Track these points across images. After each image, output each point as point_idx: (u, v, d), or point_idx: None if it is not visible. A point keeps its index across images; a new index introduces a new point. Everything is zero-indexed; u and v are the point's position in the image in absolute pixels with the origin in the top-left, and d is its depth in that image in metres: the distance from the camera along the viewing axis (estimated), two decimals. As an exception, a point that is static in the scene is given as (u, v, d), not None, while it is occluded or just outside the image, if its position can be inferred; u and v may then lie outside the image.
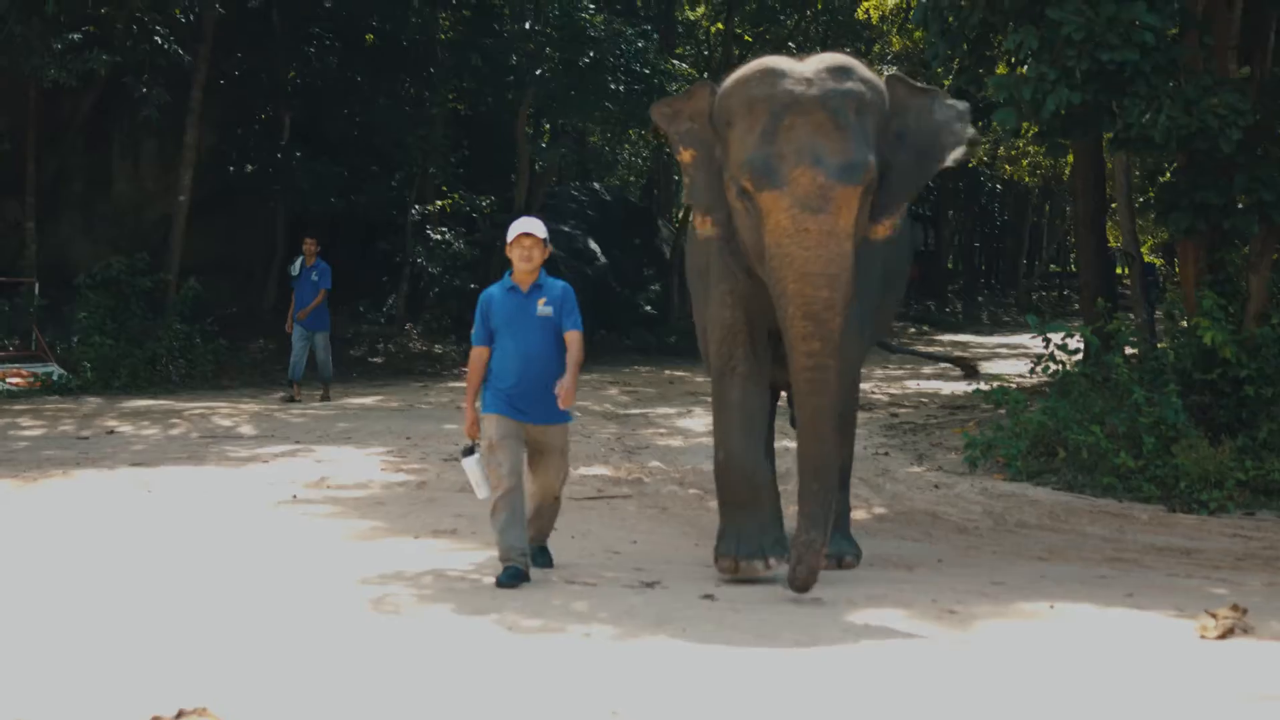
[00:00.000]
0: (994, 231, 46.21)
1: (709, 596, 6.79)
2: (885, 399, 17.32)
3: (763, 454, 7.72)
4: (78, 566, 7.29)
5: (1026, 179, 26.88)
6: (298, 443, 12.51)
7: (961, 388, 17.86)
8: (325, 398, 16.36)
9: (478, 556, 7.78)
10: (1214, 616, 6.40)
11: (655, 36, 25.20)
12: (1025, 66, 10.83)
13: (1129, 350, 11.98)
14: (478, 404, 7.29)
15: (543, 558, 7.54)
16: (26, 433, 12.95)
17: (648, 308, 27.31)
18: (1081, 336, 11.51)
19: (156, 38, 17.17)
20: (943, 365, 22.47)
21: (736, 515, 7.39)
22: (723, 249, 7.30)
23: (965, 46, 11.79)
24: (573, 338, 7.19)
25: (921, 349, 11.21)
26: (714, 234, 7.23)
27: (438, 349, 22.23)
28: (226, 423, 13.97)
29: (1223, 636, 6.19)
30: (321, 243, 16.75)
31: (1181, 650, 5.95)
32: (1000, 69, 11.79)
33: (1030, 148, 23.59)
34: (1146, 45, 10.22)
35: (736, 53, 30.17)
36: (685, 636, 5.97)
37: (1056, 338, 11.50)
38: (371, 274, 23.44)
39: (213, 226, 20.56)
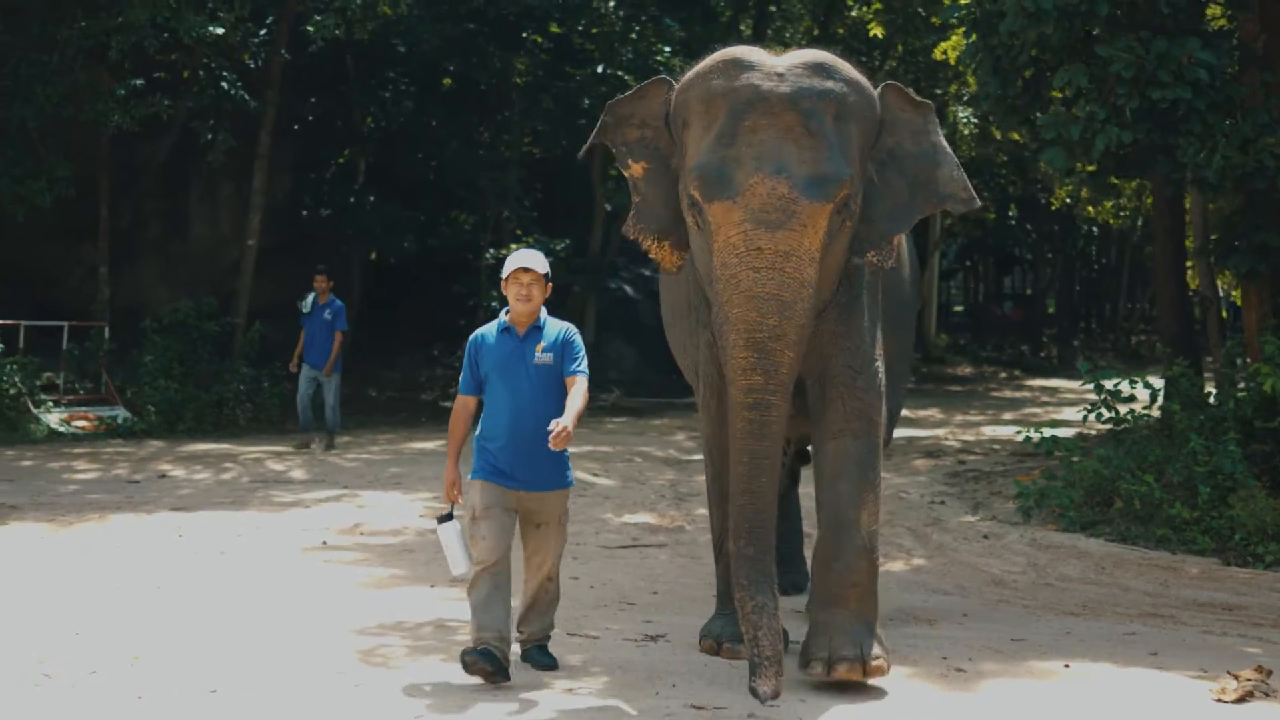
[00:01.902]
0: (1092, 274, 45.45)
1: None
2: (956, 445, 16.96)
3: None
4: (63, 613, 7.21)
5: (1111, 220, 26.38)
6: (345, 488, 12.43)
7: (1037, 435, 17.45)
8: (330, 446, 15.40)
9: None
10: (1235, 678, 6.10)
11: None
12: (1076, 105, 10.53)
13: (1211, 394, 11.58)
14: (461, 465, 6.31)
15: (544, 658, 6.32)
16: (80, 476, 13.00)
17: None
18: (1140, 383, 11.16)
19: (224, 83, 17.26)
20: (1025, 410, 22.07)
21: (728, 602, 6.48)
22: (690, 280, 6.48)
23: (1019, 85, 11.50)
24: (576, 383, 6.15)
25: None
26: (674, 266, 6.32)
27: (510, 393, 22.09)
28: (279, 467, 13.94)
29: (1240, 700, 5.91)
30: (397, 286, 16.66)
31: (1192, 715, 5.66)
32: (1055, 109, 11.51)
33: (1126, 187, 23.13)
34: (1200, 83, 9.93)
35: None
36: (671, 694, 5.79)
37: (1109, 384, 11.16)
38: (446, 317, 23.46)
39: (286, 271, 20.64)
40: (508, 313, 6.25)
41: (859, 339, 6.18)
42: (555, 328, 6.25)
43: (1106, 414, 11.18)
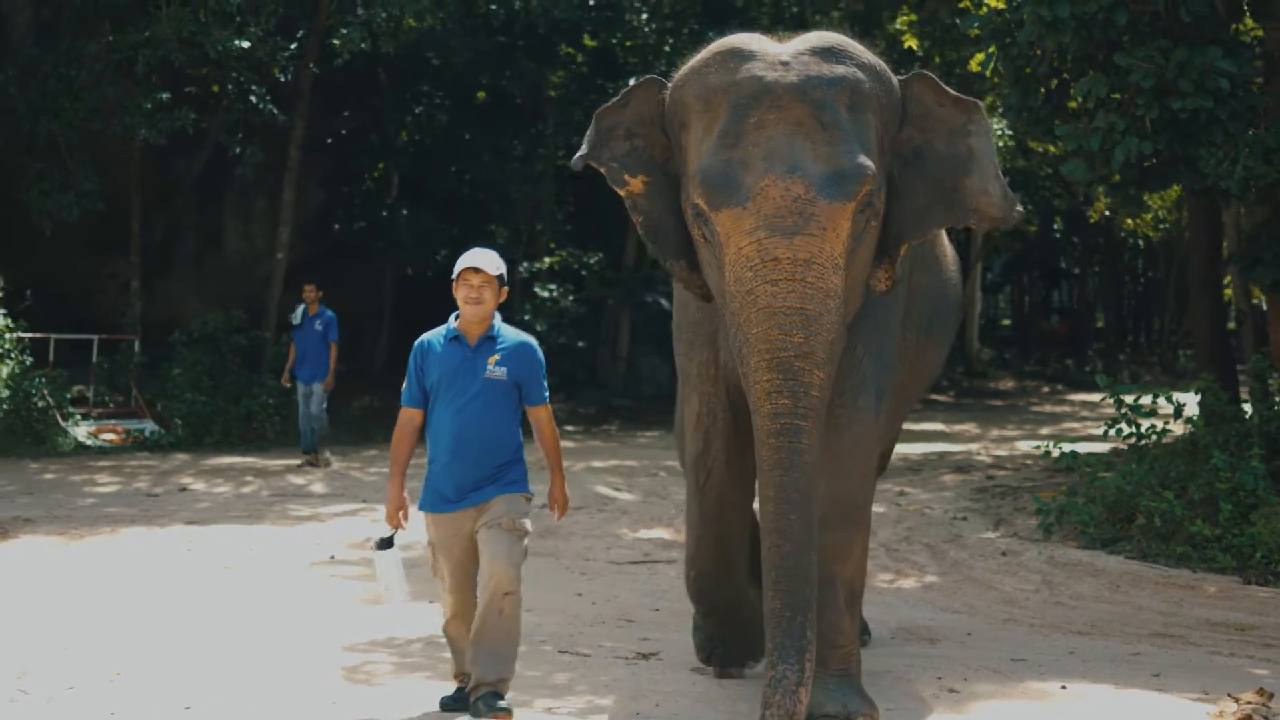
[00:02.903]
0: (1139, 288, 45.07)
1: (699, 669, 6.48)
2: (987, 460, 16.76)
3: (746, 575, 6.28)
4: (53, 628, 7.18)
5: (1151, 233, 26.15)
6: (364, 502, 12.38)
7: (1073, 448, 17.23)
8: (314, 463, 14.79)
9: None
10: (1235, 700, 5.94)
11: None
12: (1096, 116, 10.36)
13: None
14: (405, 485, 5.68)
15: (493, 706, 5.45)
16: (100, 489, 13.01)
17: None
18: (1162, 398, 10.97)
19: (252, 98, 17.29)
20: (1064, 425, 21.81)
21: (711, 623, 6.34)
22: (698, 302, 5.76)
23: (1041, 95, 11.34)
24: (540, 416, 5.62)
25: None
26: (700, 290, 5.58)
27: (543, 406, 22.09)
28: (300, 481, 13.92)
29: (1238, 724, 5.74)
30: (429, 300, 16.58)
31: (1185, 739, 5.52)
32: (1078, 119, 11.35)
33: (1152, 200, 22.89)
34: (1222, 92, 9.75)
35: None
36: (653, 713, 5.69)
37: (1129, 399, 10.98)
38: (481, 331, 23.40)
39: (320, 284, 20.65)
40: (457, 318, 5.63)
41: (859, 358, 5.56)
42: (511, 338, 5.65)
43: (1127, 429, 10.98)
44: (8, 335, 15.76)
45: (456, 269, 5.58)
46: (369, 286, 22.27)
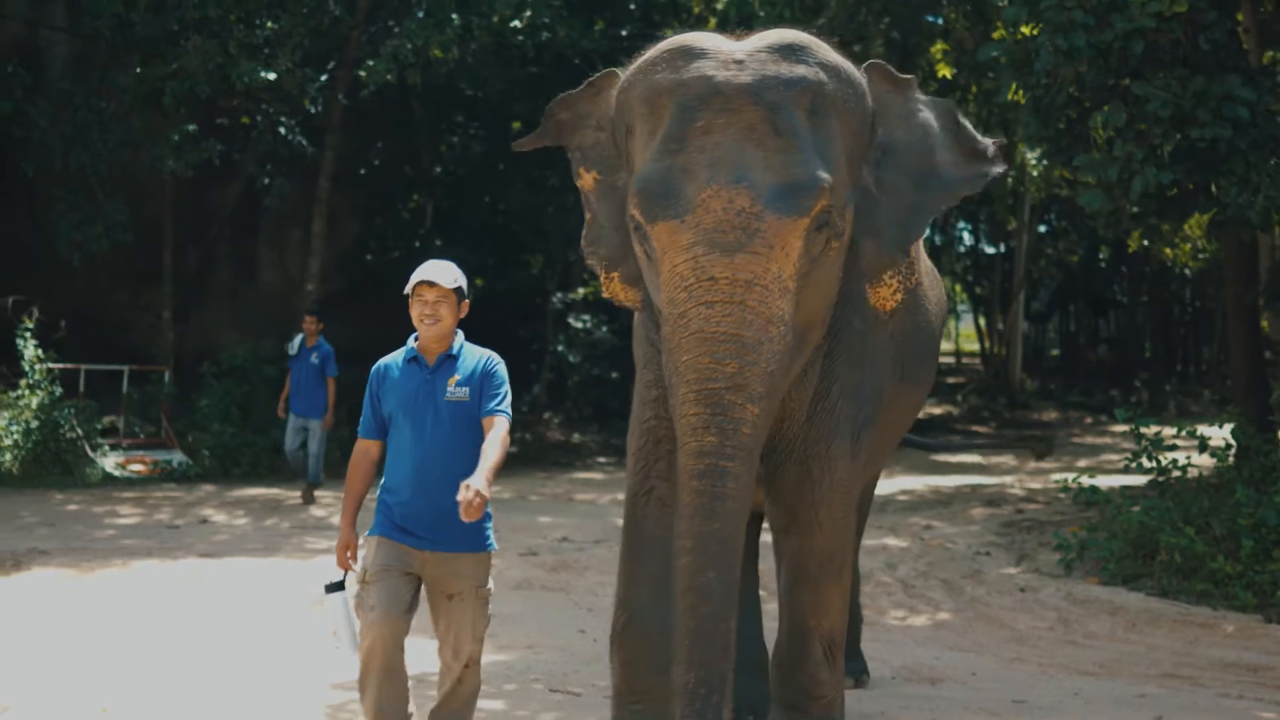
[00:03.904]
0: (1186, 317, 44.60)
1: None
2: (1020, 493, 16.54)
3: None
4: (45, 661, 7.15)
5: (1190, 263, 25.85)
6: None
7: (1111, 482, 17.00)
8: (309, 500, 14.48)
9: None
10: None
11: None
12: (1114, 145, 10.22)
13: None
14: (356, 524, 5.19)
15: None
16: (121, 521, 13.00)
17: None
18: (1185, 432, 10.79)
19: (281, 129, 17.36)
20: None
21: (628, 689, 5.21)
22: (646, 319, 5.26)
23: (1063, 125, 11.19)
24: (495, 426, 5.00)
25: (986, 436, 8.76)
26: (633, 303, 5.22)
27: (576, 438, 22.06)
28: (321, 513, 13.88)
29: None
30: (465, 330, 16.48)
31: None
32: (1098, 149, 11.19)
33: (1191, 230, 22.62)
34: (1241, 121, 9.60)
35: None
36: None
37: (1149, 432, 10.80)
38: (514, 361, 23.35)
39: (352, 316, 20.71)
40: (416, 339, 5.22)
41: (833, 400, 5.12)
42: (473, 357, 5.16)
43: (1148, 463, 10.79)
44: (38, 366, 15.80)
45: (409, 284, 5.13)
46: (405, 318, 22.23)
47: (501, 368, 5.15)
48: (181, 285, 19.50)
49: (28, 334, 15.82)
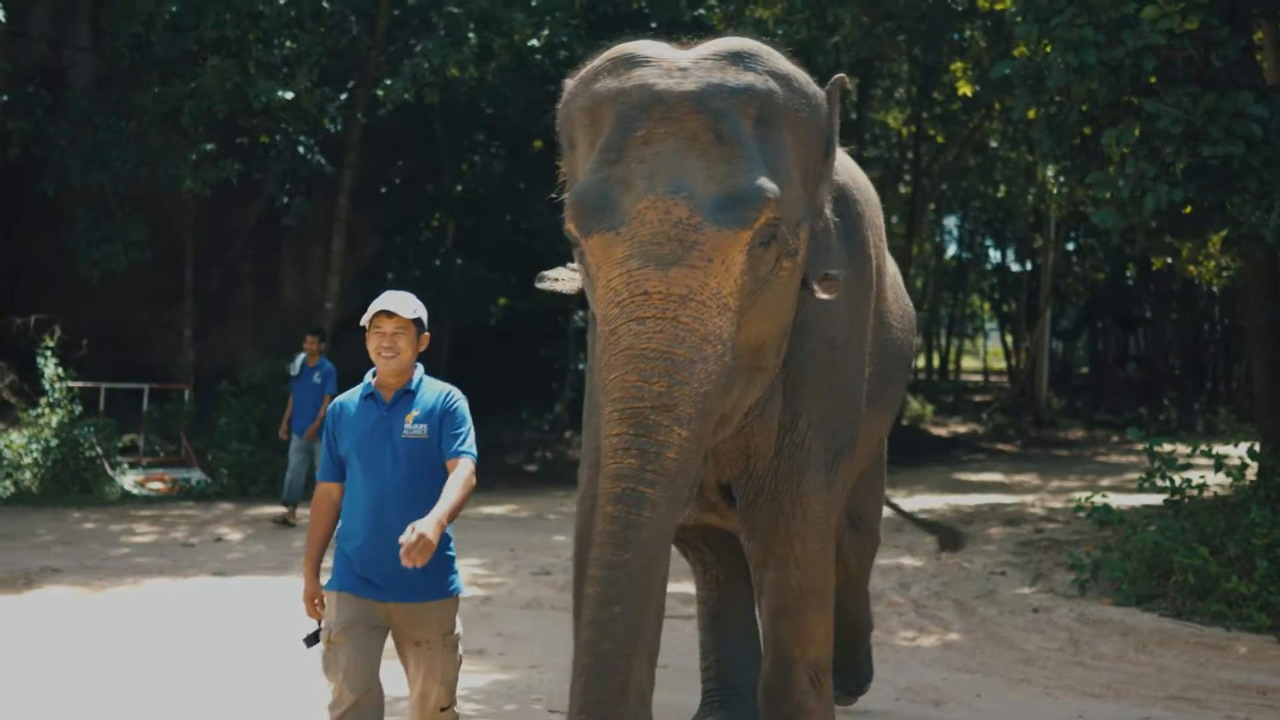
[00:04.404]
0: (1215, 334, 44.35)
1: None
2: (1040, 513, 16.44)
3: (646, 696, 4.91)
4: (43, 682, 7.16)
5: (1215, 281, 25.63)
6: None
7: (1130, 501, 16.90)
8: (282, 522, 14.16)
9: (479, 680, 7.43)
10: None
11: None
12: (1126, 163, 10.16)
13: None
14: (319, 571, 4.92)
15: None
16: (136, 539, 13.04)
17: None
18: (1200, 451, 10.71)
19: (300, 148, 17.43)
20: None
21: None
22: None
23: (1077, 141, 11.14)
24: (458, 468, 4.70)
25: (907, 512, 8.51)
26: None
27: (595, 456, 22.03)
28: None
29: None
30: (486, 349, 16.51)
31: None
32: (1112, 167, 11.13)
33: (1213, 247, 22.46)
34: (1254, 138, 9.53)
35: (925, 153, 29.85)
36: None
37: (1163, 451, 10.72)
38: (536, 381, 23.44)
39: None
40: (374, 374, 4.91)
41: (800, 433, 4.90)
42: (433, 392, 4.87)
43: (1161, 483, 10.72)
44: (58, 384, 15.87)
45: (366, 315, 4.85)
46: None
47: (463, 404, 4.88)
48: (203, 303, 19.58)
49: (48, 352, 15.88)
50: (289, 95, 16.25)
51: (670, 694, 7.23)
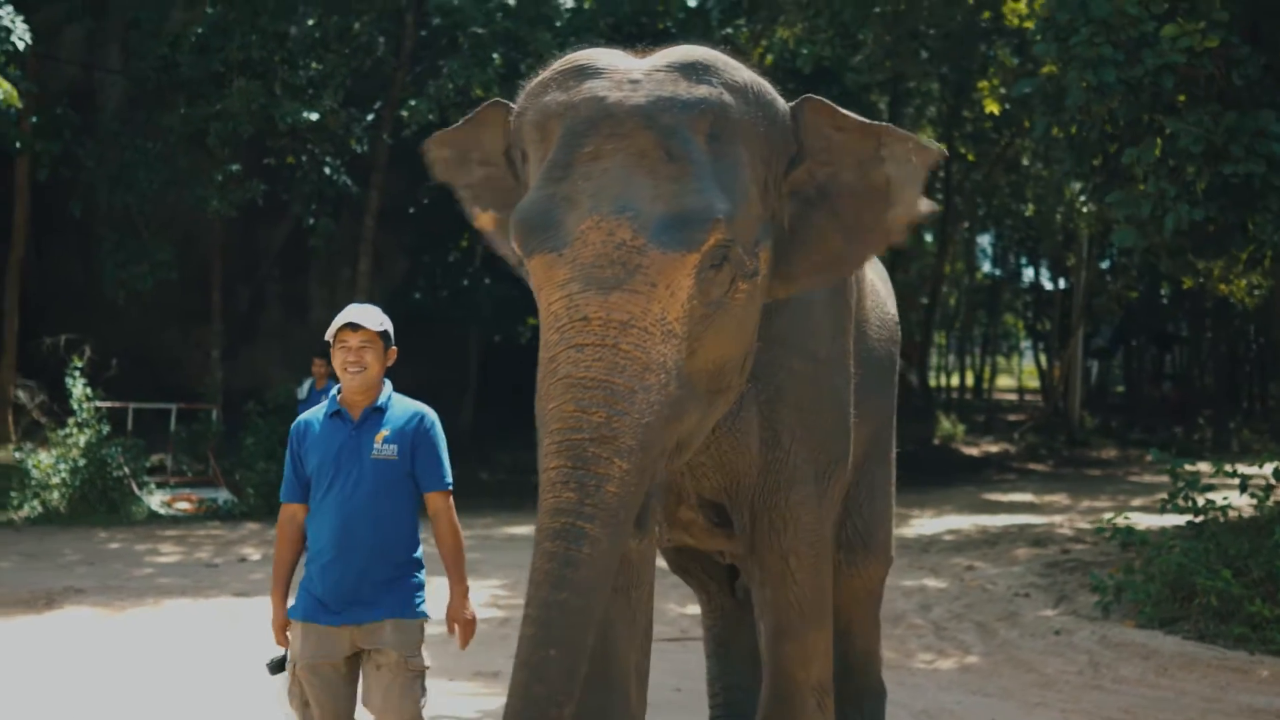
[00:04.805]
0: (1250, 353, 44.03)
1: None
2: (1068, 533, 16.33)
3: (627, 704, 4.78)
4: (52, 703, 7.17)
5: (1247, 299, 25.47)
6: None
7: (1158, 522, 16.77)
8: None
9: (493, 704, 7.41)
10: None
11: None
12: (1146, 182, 10.11)
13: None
14: (288, 596, 4.75)
15: None
16: (161, 559, 13.08)
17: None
18: (1223, 471, 10.62)
19: (326, 169, 17.51)
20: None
21: None
22: None
23: (1099, 161, 11.09)
24: (439, 506, 4.62)
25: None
26: None
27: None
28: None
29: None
30: (515, 367, 16.52)
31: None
32: (1140, 185, 11.07)
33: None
34: (1275, 157, 9.46)
35: (956, 171, 29.77)
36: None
37: (1186, 471, 10.64)
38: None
39: (403, 355, 20.74)
40: (339, 391, 4.70)
41: (785, 449, 4.73)
42: (403, 410, 4.69)
43: (1183, 503, 10.63)
44: (86, 404, 15.95)
45: (331, 329, 4.66)
46: (454, 356, 22.36)
47: (438, 426, 4.71)
48: (232, 324, 19.71)
49: (77, 372, 15.97)
50: (314, 116, 16.33)
51: (686, 715, 7.24)
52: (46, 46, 17.96)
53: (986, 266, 43.81)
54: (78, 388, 15.94)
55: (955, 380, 44.35)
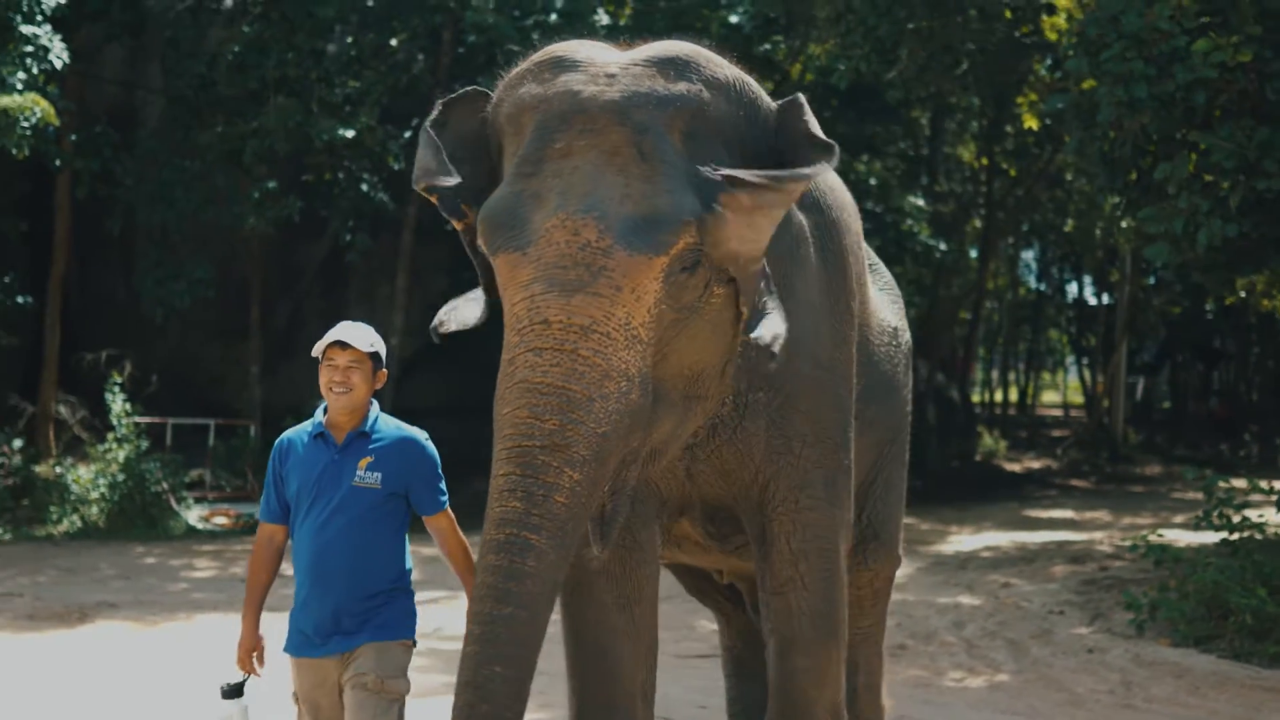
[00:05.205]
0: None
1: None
2: (1107, 550, 16.20)
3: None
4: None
5: (1285, 315, 25.34)
6: (449, 590, 12.32)
7: (1198, 539, 16.61)
8: None
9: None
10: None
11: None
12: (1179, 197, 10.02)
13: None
14: (259, 620, 4.65)
15: None
16: (196, 574, 13.15)
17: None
18: (1258, 489, 10.53)
19: (363, 186, 17.59)
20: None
21: None
22: None
23: (1134, 177, 11.00)
24: (441, 526, 4.47)
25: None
26: None
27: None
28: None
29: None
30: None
31: None
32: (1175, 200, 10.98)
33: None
34: (1311, 173, 9.38)
35: (998, 186, 29.63)
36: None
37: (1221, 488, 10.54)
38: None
39: (438, 371, 20.87)
40: (325, 411, 4.51)
41: (795, 453, 4.54)
42: (391, 435, 4.48)
43: (1218, 521, 10.53)
44: (125, 420, 16.05)
45: (319, 346, 4.46)
46: (490, 369, 22.33)
47: (430, 448, 4.49)
48: (271, 340, 19.78)
49: (116, 388, 16.07)
50: (350, 134, 16.40)
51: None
52: (88, 65, 18.14)
53: (1031, 282, 43.52)
54: (117, 403, 16.04)
55: (999, 396, 44.04)
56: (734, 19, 20.26)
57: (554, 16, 18.04)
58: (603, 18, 18.24)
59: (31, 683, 8.20)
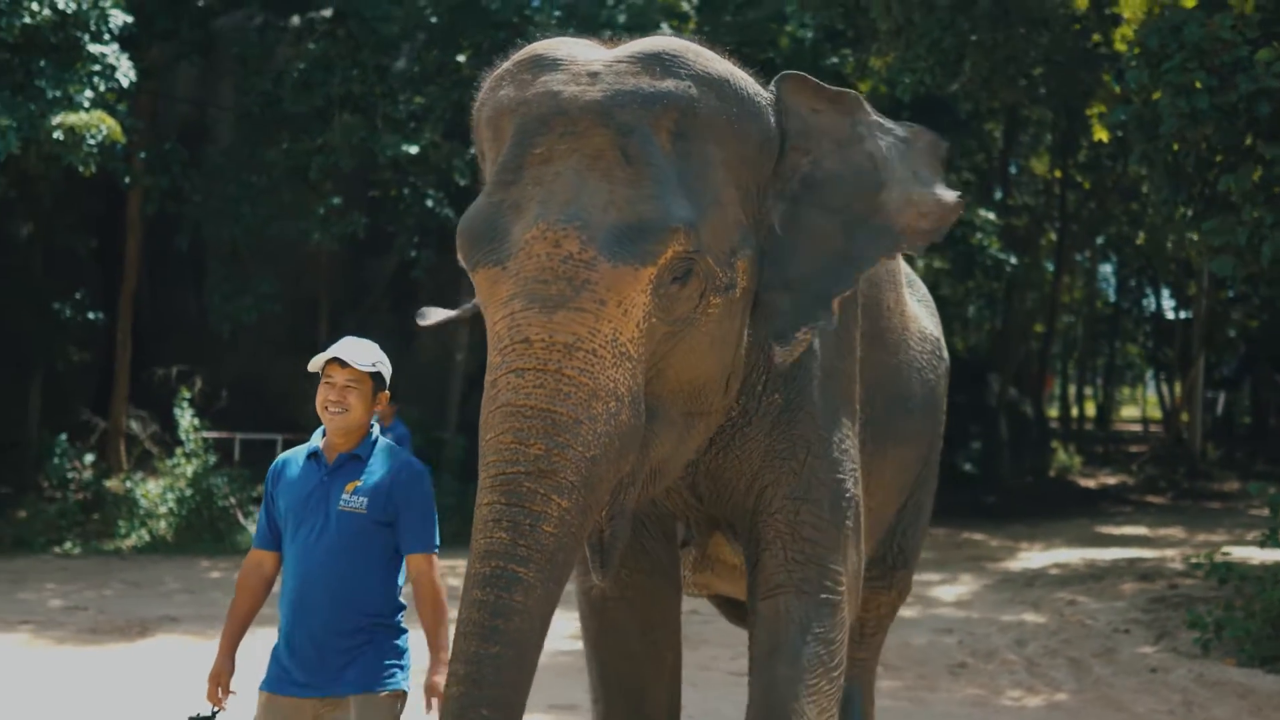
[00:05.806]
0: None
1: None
2: (1178, 568, 15.94)
3: None
4: None
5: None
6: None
7: (1271, 557, 16.31)
8: None
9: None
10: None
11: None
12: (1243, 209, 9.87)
13: None
14: (235, 650, 4.45)
15: None
16: (259, 588, 13.21)
17: (967, 466, 26.08)
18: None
19: (428, 201, 17.67)
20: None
21: None
22: None
23: (1198, 189, 10.83)
24: (420, 569, 4.16)
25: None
26: None
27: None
28: (454, 582, 13.92)
29: None
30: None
31: None
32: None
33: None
34: (1375, 183, 9.22)
35: (1072, 199, 29.35)
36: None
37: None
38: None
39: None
40: (324, 431, 4.29)
41: (805, 455, 4.24)
42: (385, 462, 4.21)
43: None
44: (193, 435, 16.20)
45: (318, 361, 4.23)
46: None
47: (425, 483, 4.23)
48: (324, 356, 19.92)
49: (185, 403, 16.21)
50: (414, 150, 16.48)
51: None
52: (160, 83, 18.35)
53: (1110, 295, 43.02)
54: (186, 418, 16.18)
55: (1074, 410, 43.55)
56: (802, 33, 20.18)
57: (618, 32, 18.06)
58: (667, 32, 18.21)
59: (79, 696, 8.27)
